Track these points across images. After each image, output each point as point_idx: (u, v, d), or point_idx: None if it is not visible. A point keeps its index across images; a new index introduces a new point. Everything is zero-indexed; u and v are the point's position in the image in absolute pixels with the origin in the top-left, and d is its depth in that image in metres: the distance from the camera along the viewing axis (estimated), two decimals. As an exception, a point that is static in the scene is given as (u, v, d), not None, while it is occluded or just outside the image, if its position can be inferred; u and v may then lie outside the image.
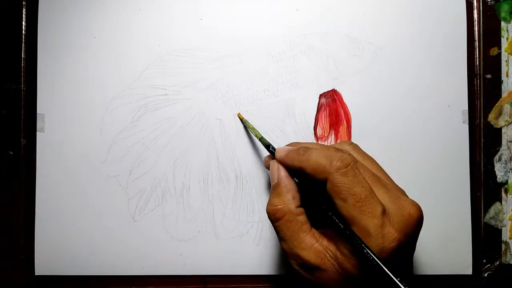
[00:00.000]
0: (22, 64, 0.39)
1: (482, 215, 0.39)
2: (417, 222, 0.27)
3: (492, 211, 0.39)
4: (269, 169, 0.32)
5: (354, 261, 0.25)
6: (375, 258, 0.24)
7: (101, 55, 0.39)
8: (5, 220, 0.39)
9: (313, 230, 0.28)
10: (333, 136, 0.39)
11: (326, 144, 0.39)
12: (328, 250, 0.27)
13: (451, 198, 0.39)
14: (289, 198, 0.29)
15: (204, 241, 0.39)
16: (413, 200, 0.28)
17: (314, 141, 0.39)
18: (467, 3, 0.39)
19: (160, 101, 0.39)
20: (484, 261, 0.39)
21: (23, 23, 0.39)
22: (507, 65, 0.39)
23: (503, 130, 0.39)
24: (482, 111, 0.39)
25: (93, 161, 0.39)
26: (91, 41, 0.39)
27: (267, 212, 0.29)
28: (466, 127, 0.39)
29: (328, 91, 0.39)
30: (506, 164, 0.39)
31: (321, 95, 0.39)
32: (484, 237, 0.39)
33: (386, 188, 0.28)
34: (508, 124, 0.39)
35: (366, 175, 0.27)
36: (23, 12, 0.39)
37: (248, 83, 0.39)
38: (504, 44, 0.39)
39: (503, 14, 0.39)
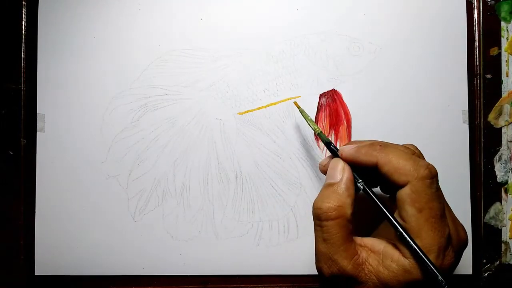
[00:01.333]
0: (22, 64, 0.39)
1: (482, 215, 0.39)
2: (466, 245, 0.27)
3: (492, 211, 0.39)
4: (325, 171, 0.30)
5: (403, 278, 0.25)
6: (441, 278, 0.24)
7: (101, 55, 0.39)
8: (5, 220, 0.39)
9: (354, 241, 0.27)
10: (333, 136, 0.39)
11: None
12: (367, 264, 0.26)
13: (451, 198, 0.38)
14: (349, 203, 0.27)
15: (204, 241, 0.39)
16: (462, 225, 0.28)
17: (314, 141, 0.39)
18: (467, 3, 0.39)
19: (160, 101, 0.39)
20: (484, 261, 0.39)
21: (23, 23, 0.39)
22: (507, 65, 0.39)
23: (503, 130, 0.39)
24: (482, 111, 0.39)
25: (93, 161, 0.39)
26: (91, 41, 0.39)
27: (318, 208, 0.27)
28: (466, 127, 0.39)
29: (328, 91, 0.39)
30: (506, 164, 0.39)
31: (321, 95, 0.39)
32: (484, 237, 0.39)
33: (451, 211, 0.28)
34: (508, 124, 0.39)
35: (441, 192, 0.27)
36: (23, 12, 0.39)
37: (248, 83, 0.39)
38: (504, 44, 0.39)
39: (503, 14, 0.39)
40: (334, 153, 0.32)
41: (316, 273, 0.38)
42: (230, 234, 0.39)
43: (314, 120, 0.39)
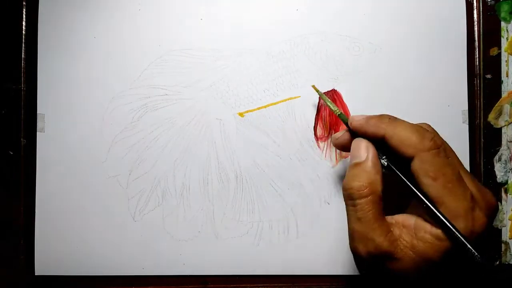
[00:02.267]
0: (22, 64, 0.39)
1: (482, 215, 0.39)
2: (496, 209, 0.27)
3: (492, 211, 0.39)
4: (340, 147, 0.31)
5: (438, 247, 0.25)
6: (465, 242, 0.24)
7: (101, 55, 0.39)
8: (5, 220, 0.39)
9: (387, 219, 0.27)
10: (333, 136, 0.39)
11: (326, 143, 0.39)
12: (401, 240, 0.26)
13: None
14: (378, 179, 0.27)
15: (204, 241, 0.39)
16: (489, 190, 0.28)
17: (314, 141, 0.39)
18: (467, 3, 0.39)
19: (160, 101, 0.39)
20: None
21: (23, 23, 0.39)
22: (507, 65, 0.39)
23: (503, 130, 0.39)
24: (482, 111, 0.39)
25: (93, 161, 0.39)
26: (91, 41, 0.39)
27: (350, 188, 0.27)
28: (466, 127, 0.39)
29: (328, 91, 0.39)
30: (506, 164, 0.39)
31: (321, 95, 0.39)
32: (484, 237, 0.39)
33: (470, 175, 0.27)
34: (508, 124, 0.39)
35: (454, 159, 0.27)
36: (23, 12, 0.39)
37: (248, 83, 0.39)
38: (504, 44, 0.39)
39: (503, 14, 0.39)
40: (353, 133, 0.31)
41: (316, 274, 0.39)
42: (230, 234, 0.39)
43: (314, 120, 0.39)
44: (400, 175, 0.28)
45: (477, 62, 0.39)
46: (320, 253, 0.39)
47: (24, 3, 0.39)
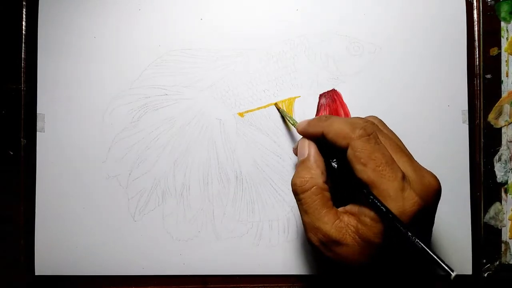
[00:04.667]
0: (22, 64, 0.39)
1: (482, 215, 0.39)
2: (436, 191, 0.28)
3: (492, 211, 0.39)
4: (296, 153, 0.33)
5: (376, 229, 0.26)
6: (396, 220, 0.25)
7: (101, 55, 0.39)
8: (5, 220, 0.39)
9: (335, 208, 0.29)
10: (333, 136, 0.39)
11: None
12: (349, 225, 0.27)
13: (451, 198, 0.39)
14: (318, 173, 0.29)
15: (204, 241, 0.39)
16: (432, 172, 0.29)
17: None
18: (467, 3, 0.39)
19: (160, 101, 0.39)
20: (484, 261, 0.39)
21: (23, 23, 0.39)
22: (507, 65, 0.39)
23: (503, 130, 0.39)
24: (482, 111, 0.39)
25: (93, 161, 0.39)
26: (91, 41, 0.39)
27: (294, 184, 0.29)
28: (466, 127, 0.39)
29: (328, 91, 0.39)
30: (506, 164, 0.39)
31: (321, 95, 0.39)
32: (484, 237, 0.39)
33: (408, 158, 0.28)
34: (508, 124, 0.39)
35: (388, 144, 0.28)
36: (23, 12, 0.39)
37: (248, 83, 0.39)
38: (504, 44, 0.39)
39: (503, 14, 0.39)
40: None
41: (315, 274, 0.39)
42: (230, 234, 0.39)
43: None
44: (337, 168, 0.29)
45: (477, 62, 0.39)
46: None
47: (24, 3, 0.39)
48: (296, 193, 0.30)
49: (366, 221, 0.26)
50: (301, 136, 0.33)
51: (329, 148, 0.30)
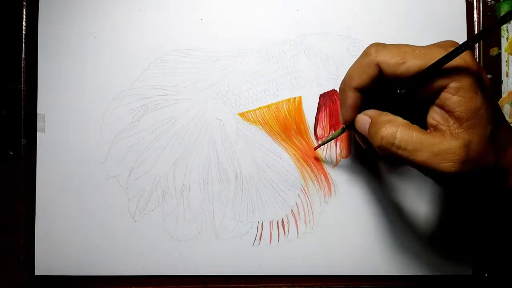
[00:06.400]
0: (22, 64, 0.39)
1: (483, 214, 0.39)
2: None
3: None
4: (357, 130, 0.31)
5: (467, 95, 0.26)
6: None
7: (101, 55, 0.39)
8: (5, 220, 0.39)
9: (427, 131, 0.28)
10: (333, 136, 0.39)
11: (326, 143, 0.39)
12: (451, 127, 0.26)
13: (452, 198, 0.39)
14: (392, 116, 0.28)
15: (204, 241, 0.39)
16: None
17: (314, 141, 0.39)
18: (467, 3, 0.39)
19: (160, 101, 0.39)
20: (484, 261, 0.39)
21: (23, 23, 0.39)
22: (507, 65, 0.39)
23: (503, 130, 0.39)
24: (482, 111, 0.39)
25: (93, 161, 0.39)
26: (91, 41, 0.39)
27: (381, 138, 0.27)
28: (466, 127, 0.39)
29: (328, 91, 0.39)
30: (506, 164, 0.39)
31: (321, 95, 0.39)
32: (485, 237, 0.39)
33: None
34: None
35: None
36: (23, 12, 0.39)
37: (248, 83, 0.39)
38: (504, 44, 0.39)
39: (503, 14, 0.39)
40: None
41: (316, 274, 0.39)
42: (230, 234, 0.39)
43: (314, 120, 0.39)
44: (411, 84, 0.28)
45: (477, 62, 0.39)
46: (320, 253, 0.39)
47: (24, 3, 0.39)
48: (389, 144, 0.27)
49: (453, 101, 0.26)
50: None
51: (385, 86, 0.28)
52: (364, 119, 0.30)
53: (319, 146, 0.38)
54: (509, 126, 0.30)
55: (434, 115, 0.27)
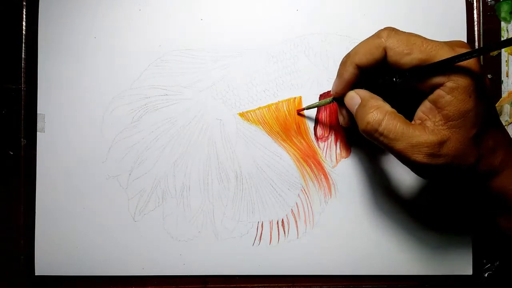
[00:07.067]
0: (22, 64, 0.39)
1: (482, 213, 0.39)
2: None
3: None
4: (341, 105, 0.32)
5: (459, 94, 0.26)
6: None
7: (101, 55, 0.39)
8: (5, 220, 0.39)
9: (413, 122, 0.28)
10: (333, 136, 0.39)
11: (326, 143, 0.39)
12: (436, 123, 0.27)
13: (451, 198, 0.39)
14: (382, 102, 0.29)
15: (204, 241, 0.39)
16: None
17: (315, 141, 0.39)
18: (467, 3, 0.39)
19: (160, 101, 0.39)
20: (484, 261, 0.39)
21: (23, 23, 0.39)
22: (507, 65, 0.39)
23: (503, 130, 0.39)
24: (482, 111, 0.39)
25: (93, 161, 0.39)
26: (91, 41, 0.39)
27: (367, 123, 0.28)
28: (466, 127, 0.39)
29: (328, 91, 0.39)
30: (506, 164, 0.39)
31: (321, 95, 0.39)
32: (484, 237, 0.39)
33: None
34: (508, 124, 0.39)
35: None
36: (23, 12, 0.39)
37: (248, 83, 0.39)
38: (504, 44, 0.39)
39: (503, 14, 0.39)
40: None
41: (316, 274, 0.39)
42: (230, 234, 0.39)
43: (314, 120, 0.39)
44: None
45: (477, 62, 0.39)
46: (320, 253, 0.39)
47: (24, 3, 0.39)
48: (373, 130, 0.28)
49: (445, 99, 0.26)
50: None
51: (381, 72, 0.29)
52: (354, 98, 0.31)
53: (302, 109, 0.38)
54: (501, 130, 0.30)
55: (424, 109, 0.28)
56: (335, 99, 0.33)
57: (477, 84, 0.26)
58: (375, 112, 0.28)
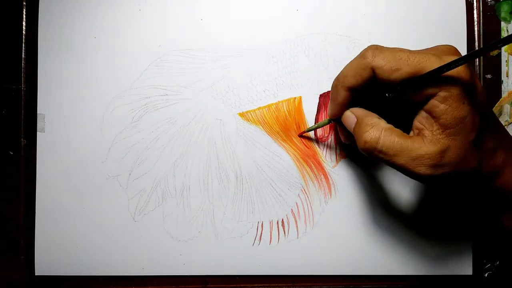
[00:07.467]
0: (22, 64, 0.39)
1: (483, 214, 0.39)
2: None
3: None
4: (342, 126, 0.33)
5: (453, 101, 0.26)
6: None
7: (101, 55, 0.39)
8: (5, 220, 0.39)
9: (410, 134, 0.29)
10: (333, 136, 0.39)
11: (326, 143, 0.39)
12: (434, 132, 0.27)
13: (452, 199, 0.39)
14: (377, 120, 0.29)
15: (204, 241, 0.39)
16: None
17: (315, 141, 0.39)
18: (467, 3, 0.39)
19: (160, 101, 0.39)
20: (484, 261, 0.39)
21: (23, 23, 0.39)
22: (507, 65, 0.39)
23: (503, 130, 0.39)
24: (482, 111, 0.39)
25: (93, 161, 0.39)
26: (91, 41, 0.39)
27: (364, 142, 0.29)
28: (466, 127, 0.39)
29: (328, 91, 0.39)
30: (506, 164, 0.39)
31: (321, 95, 0.39)
32: (484, 237, 0.39)
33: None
34: (509, 124, 0.39)
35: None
36: (23, 12, 0.39)
37: (248, 83, 0.39)
38: (504, 44, 0.39)
39: (503, 14, 0.39)
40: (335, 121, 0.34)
41: (316, 274, 0.39)
42: (230, 234, 0.39)
43: (314, 121, 0.39)
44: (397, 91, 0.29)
45: (477, 62, 0.39)
46: (320, 253, 0.39)
47: (24, 3, 0.39)
48: (372, 148, 0.28)
49: (440, 109, 0.26)
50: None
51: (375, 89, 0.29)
52: (350, 117, 0.31)
53: (303, 132, 0.38)
54: (500, 129, 0.30)
55: (421, 119, 0.28)
56: (333, 120, 0.34)
57: (468, 90, 0.27)
58: (371, 130, 0.29)
